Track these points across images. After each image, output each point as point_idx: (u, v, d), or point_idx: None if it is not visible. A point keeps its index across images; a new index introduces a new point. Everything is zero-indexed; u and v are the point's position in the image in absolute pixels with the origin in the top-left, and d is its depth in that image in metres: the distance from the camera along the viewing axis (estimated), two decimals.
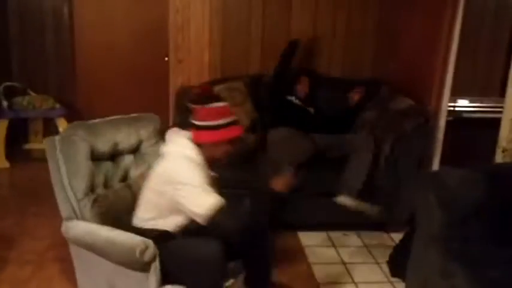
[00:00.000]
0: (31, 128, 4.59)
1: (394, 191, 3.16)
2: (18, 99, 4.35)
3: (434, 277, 2.05)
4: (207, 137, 2.00)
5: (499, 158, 2.42)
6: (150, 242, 1.81)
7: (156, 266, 1.82)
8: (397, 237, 2.95)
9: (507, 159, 2.38)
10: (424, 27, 3.45)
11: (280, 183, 2.12)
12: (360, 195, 3.05)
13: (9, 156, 4.34)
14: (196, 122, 2.02)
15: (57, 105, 4.45)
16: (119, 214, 2.08)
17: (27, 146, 4.59)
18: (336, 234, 3.27)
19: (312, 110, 3.47)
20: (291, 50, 3.44)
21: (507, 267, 1.94)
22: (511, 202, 2.13)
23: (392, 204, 3.18)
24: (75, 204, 2.02)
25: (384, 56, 3.85)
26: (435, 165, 3.37)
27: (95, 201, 2.01)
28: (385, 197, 3.16)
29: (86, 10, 4.59)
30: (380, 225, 3.33)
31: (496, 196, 2.13)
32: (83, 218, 2.03)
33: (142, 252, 1.77)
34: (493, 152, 2.69)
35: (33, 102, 4.37)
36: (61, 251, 2.79)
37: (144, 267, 1.80)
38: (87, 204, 2.02)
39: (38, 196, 3.61)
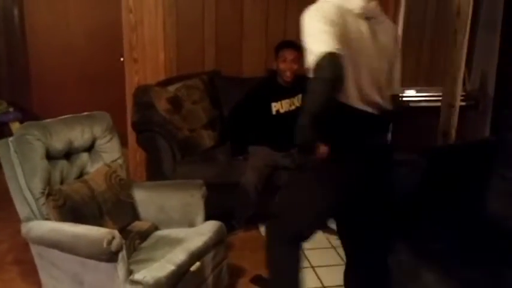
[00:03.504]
0: None
1: None
2: None
3: None
4: None
5: (440, 141, 2.59)
6: (116, 232, 1.86)
7: (123, 255, 1.86)
8: None
9: (447, 142, 2.56)
10: None
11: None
12: None
13: None
14: None
15: (11, 109, 4.38)
16: (76, 205, 2.10)
17: None
18: None
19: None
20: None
21: (447, 240, 2.10)
22: (448, 179, 2.30)
23: None
24: (33, 204, 2.04)
25: None
26: None
27: (48, 195, 2.03)
28: None
29: (37, 12, 4.53)
30: None
31: (433, 175, 2.29)
32: (42, 217, 2.06)
33: (109, 242, 1.81)
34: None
35: None
36: (21, 254, 2.78)
37: (112, 257, 1.84)
38: (44, 201, 2.04)
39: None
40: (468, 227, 2.12)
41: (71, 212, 2.06)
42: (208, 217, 2.47)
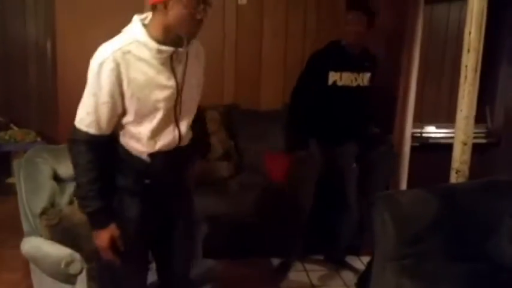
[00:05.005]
0: (13, 163, 4.66)
1: (364, 217, 3.26)
2: (0, 134, 4.45)
3: None
4: None
5: (453, 178, 2.54)
6: (77, 256, 1.91)
7: (82, 278, 1.90)
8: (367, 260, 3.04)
9: (460, 180, 2.50)
10: (384, 57, 3.63)
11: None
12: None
13: None
14: None
15: (39, 139, 4.54)
16: (72, 226, 2.16)
17: (10, 180, 4.64)
18: (306, 259, 3.35)
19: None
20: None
21: (458, 281, 2.03)
22: (462, 219, 2.25)
23: (363, 229, 3.28)
24: (32, 220, 2.16)
25: None
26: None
27: (42, 214, 2.12)
28: (356, 222, 3.26)
29: (68, 46, 4.72)
30: (352, 250, 3.41)
31: (447, 214, 2.24)
32: (39, 234, 2.17)
33: (68, 264, 1.88)
34: None
35: (14, 136, 4.47)
36: None
37: (69, 280, 1.91)
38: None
39: (18, 229, 3.63)
40: (478, 268, 2.05)
41: (63, 231, 2.13)
42: (217, 252, 2.47)
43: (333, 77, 2.85)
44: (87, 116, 1.64)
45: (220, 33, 3.88)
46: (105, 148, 1.69)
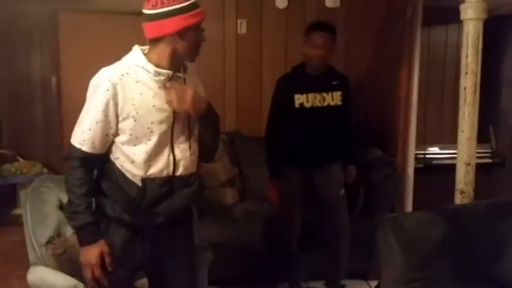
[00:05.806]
0: (20, 193, 4.69)
1: (370, 241, 3.23)
2: (6, 166, 4.49)
3: None
4: (163, 28, 1.66)
5: (457, 199, 2.52)
6: (81, 286, 1.91)
7: None
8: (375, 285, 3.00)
9: (465, 200, 2.49)
10: (385, 80, 3.68)
11: None
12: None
13: None
14: (146, 11, 1.69)
15: (45, 170, 4.57)
16: (77, 255, 2.09)
17: (16, 211, 4.65)
18: (315, 284, 3.31)
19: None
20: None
21: None
22: (468, 241, 2.23)
23: (370, 253, 3.24)
24: (38, 250, 2.18)
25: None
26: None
27: (47, 243, 2.13)
28: (363, 246, 3.22)
29: (73, 80, 4.81)
30: (359, 274, 3.37)
31: (453, 236, 2.23)
32: (45, 264, 2.17)
33: None
34: None
35: (21, 168, 4.50)
36: None
37: None
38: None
39: (24, 260, 3.64)
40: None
41: (69, 261, 2.13)
42: (223, 280, 2.44)
43: (299, 99, 2.83)
44: (82, 134, 1.69)
45: (221, 61, 3.95)
46: (98, 167, 1.74)
